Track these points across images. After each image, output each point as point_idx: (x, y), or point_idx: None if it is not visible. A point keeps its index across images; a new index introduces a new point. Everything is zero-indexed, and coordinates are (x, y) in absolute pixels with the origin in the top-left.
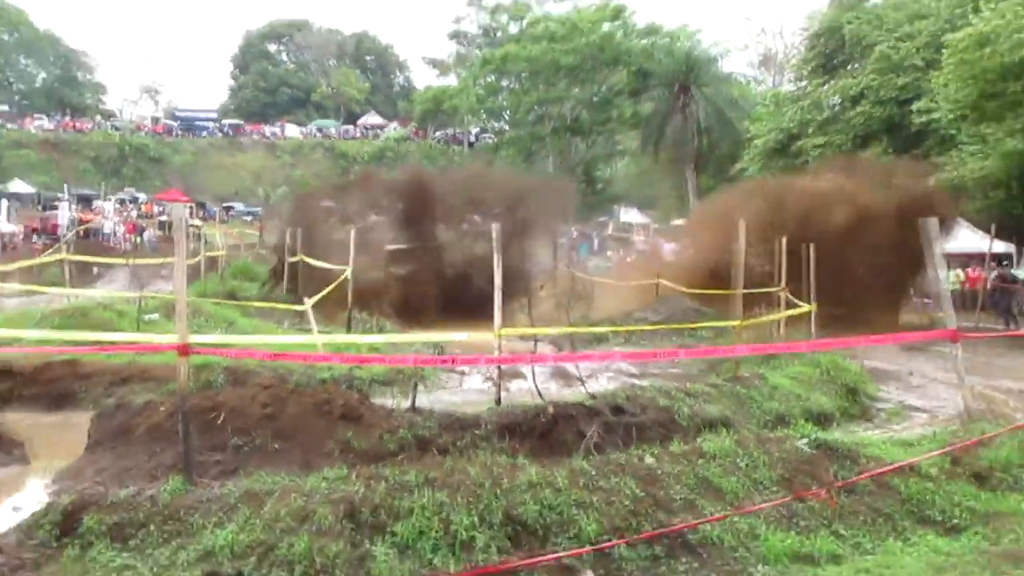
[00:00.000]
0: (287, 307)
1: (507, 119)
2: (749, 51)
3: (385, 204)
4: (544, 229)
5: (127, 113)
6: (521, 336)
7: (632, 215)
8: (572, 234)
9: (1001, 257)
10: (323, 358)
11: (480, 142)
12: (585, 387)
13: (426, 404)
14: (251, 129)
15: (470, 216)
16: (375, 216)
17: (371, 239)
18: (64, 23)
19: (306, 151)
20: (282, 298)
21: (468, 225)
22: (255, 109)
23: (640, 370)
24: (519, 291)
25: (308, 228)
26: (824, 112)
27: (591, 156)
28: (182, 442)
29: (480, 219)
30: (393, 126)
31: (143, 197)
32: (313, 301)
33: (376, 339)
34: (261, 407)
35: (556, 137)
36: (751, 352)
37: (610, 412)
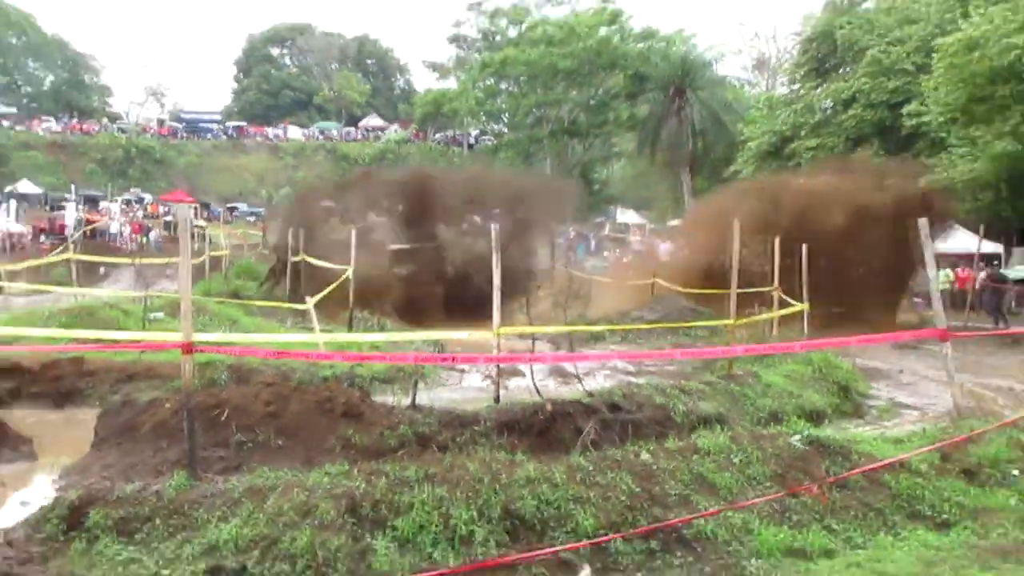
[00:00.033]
0: (290, 306)
1: (506, 121)
2: (743, 55)
3: (386, 204)
4: (543, 229)
5: (133, 115)
6: (520, 335)
7: (628, 216)
8: (570, 234)
9: (991, 257)
10: (325, 356)
11: (479, 144)
12: (582, 385)
13: (426, 401)
14: (254, 131)
15: (470, 216)
16: (375, 216)
17: (372, 239)
18: (71, 27)
19: (308, 153)
20: (282, 297)
21: (468, 225)
22: (258, 111)
23: (636, 368)
24: (519, 291)
25: (309, 228)
26: (817, 115)
27: (588, 158)
28: (187, 438)
29: (480, 219)
30: (394, 128)
31: (149, 198)
32: (315, 300)
33: (377, 337)
34: (264, 404)
35: (554, 139)
36: (746, 352)
37: (607, 409)
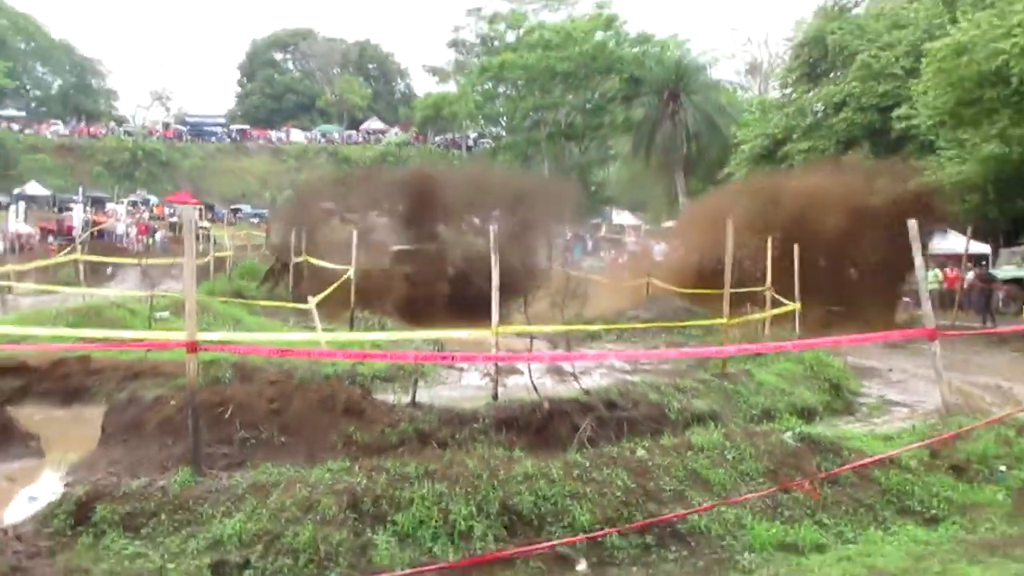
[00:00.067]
0: (292, 306)
1: (504, 124)
2: (736, 60)
3: (387, 205)
4: (543, 230)
5: (139, 119)
6: (518, 334)
7: (624, 217)
8: (567, 235)
9: (979, 258)
10: (327, 354)
11: (478, 147)
12: (579, 383)
13: (426, 399)
14: (258, 134)
15: (470, 217)
16: (376, 216)
17: (372, 239)
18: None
19: (310, 155)
20: (284, 297)
21: (467, 226)
22: (261, 115)
23: (632, 366)
24: (518, 291)
25: (310, 228)
26: (808, 118)
27: (585, 160)
28: (191, 435)
29: (480, 220)
30: (394, 131)
31: (154, 200)
32: (317, 300)
33: (378, 336)
34: (267, 402)
35: (551, 142)
36: (740, 352)
37: (603, 407)
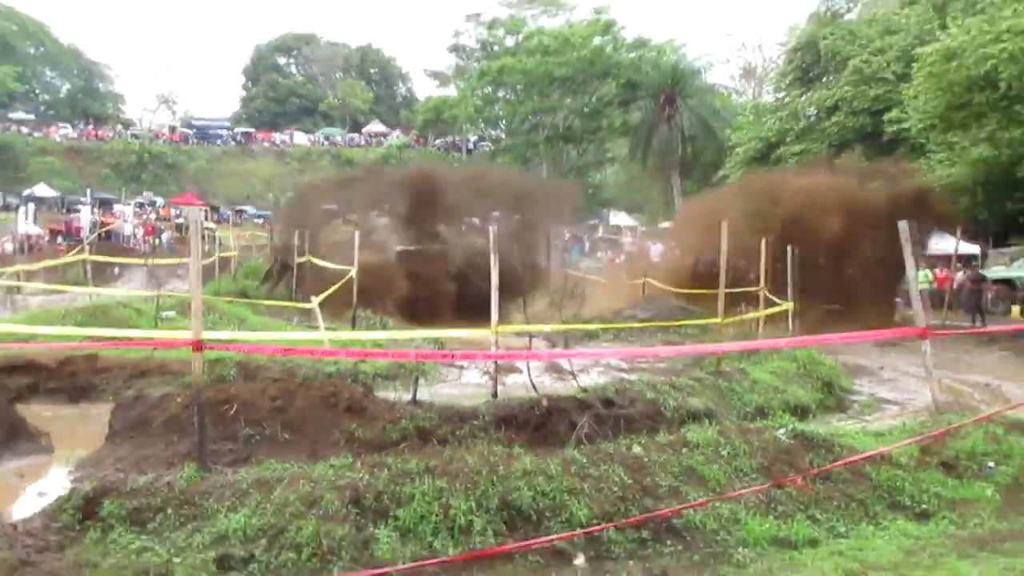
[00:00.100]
0: (296, 305)
1: (503, 128)
2: (731, 64)
3: (388, 205)
4: (542, 231)
5: (145, 122)
6: (517, 333)
7: (621, 218)
8: (565, 236)
9: (969, 258)
10: (330, 353)
11: (478, 149)
12: (577, 381)
13: (427, 397)
14: (262, 137)
15: (470, 218)
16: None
17: (374, 239)
18: (86, 37)
19: (313, 158)
20: (286, 297)
21: (467, 226)
22: (265, 118)
23: (629, 365)
24: (519, 290)
25: (313, 229)
26: (801, 122)
27: (582, 163)
28: (197, 432)
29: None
30: (396, 134)
31: (160, 201)
32: (320, 299)
33: (380, 335)
34: (271, 400)
35: (549, 145)
36: (735, 350)
37: (601, 405)
